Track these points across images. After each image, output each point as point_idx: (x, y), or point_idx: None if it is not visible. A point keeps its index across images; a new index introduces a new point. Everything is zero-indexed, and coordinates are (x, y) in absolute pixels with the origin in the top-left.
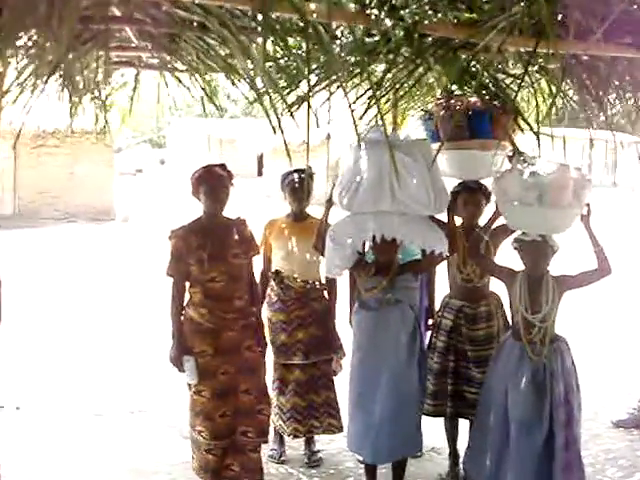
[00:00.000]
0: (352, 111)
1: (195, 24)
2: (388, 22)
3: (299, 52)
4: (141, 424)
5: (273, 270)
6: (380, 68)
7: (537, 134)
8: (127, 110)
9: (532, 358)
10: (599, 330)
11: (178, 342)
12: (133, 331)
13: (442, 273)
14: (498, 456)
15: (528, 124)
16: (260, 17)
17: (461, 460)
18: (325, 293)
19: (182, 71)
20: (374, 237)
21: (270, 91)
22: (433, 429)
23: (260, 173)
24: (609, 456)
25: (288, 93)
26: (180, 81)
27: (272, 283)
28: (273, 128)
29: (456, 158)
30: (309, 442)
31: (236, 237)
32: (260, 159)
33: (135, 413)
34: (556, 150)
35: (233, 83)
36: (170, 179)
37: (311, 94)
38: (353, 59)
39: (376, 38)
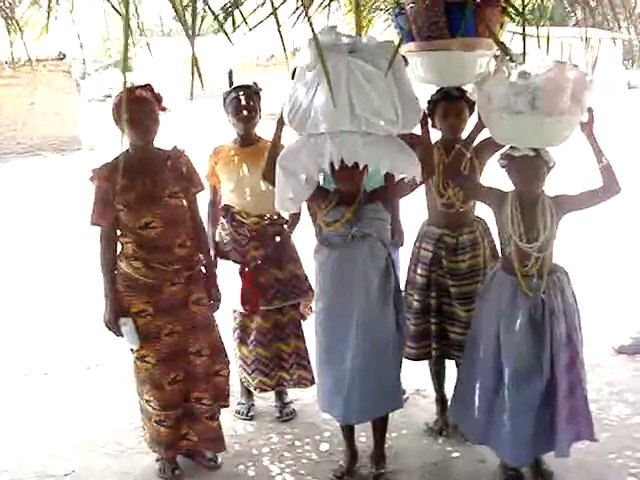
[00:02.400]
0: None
1: None
2: None
3: None
4: (98, 380)
5: (222, 205)
6: None
7: (523, 30)
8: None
9: (528, 294)
10: (595, 250)
11: (112, 302)
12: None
13: (419, 196)
14: (489, 406)
15: (522, 17)
16: None
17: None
18: (285, 228)
19: None
20: (332, 163)
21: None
22: (417, 369)
23: None
24: (613, 389)
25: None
26: None
27: (222, 221)
28: (230, 41)
29: (434, 61)
30: (280, 393)
31: (172, 172)
32: (230, 75)
33: (92, 368)
34: (539, 50)
35: None
36: None
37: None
38: None
39: None
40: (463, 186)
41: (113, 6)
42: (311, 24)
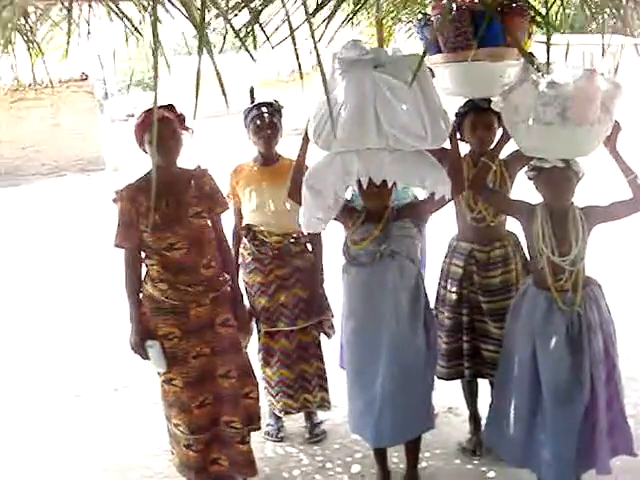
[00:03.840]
0: (327, 25)
1: None
2: None
3: None
4: (125, 402)
5: (244, 225)
6: None
7: (548, 39)
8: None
9: (563, 309)
10: (625, 260)
11: (138, 325)
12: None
13: (449, 210)
14: (527, 427)
15: (551, 27)
16: None
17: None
18: (308, 247)
19: None
20: (360, 181)
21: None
22: (448, 387)
23: None
24: None
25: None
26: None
27: (244, 241)
28: (252, 58)
29: (461, 72)
30: (309, 414)
31: (195, 192)
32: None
33: (119, 390)
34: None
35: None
36: None
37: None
38: None
39: None
40: (490, 200)
41: (135, 27)
42: (317, 48)
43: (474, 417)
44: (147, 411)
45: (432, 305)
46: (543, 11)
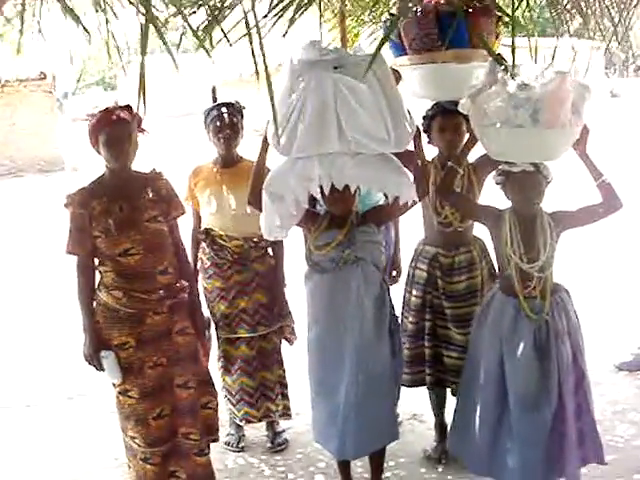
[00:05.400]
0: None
1: None
2: None
3: None
4: (80, 411)
5: (202, 229)
6: None
7: (513, 40)
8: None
9: (531, 316)
10: (592, 266)
11: (91, 335)
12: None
13: (416, 213)
14: (493, 435)
15: (518, 27)
16: None
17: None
18: (269, 251)
19: None
20: (322, 187)
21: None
22: (412, 393)
23: None
24: (616, 409)
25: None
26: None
27: (203, 245)
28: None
29: (427, 74)
30: (271, 423)
31: (151, 195)
32: (213, 93)
33: (74, 398)
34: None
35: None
36: None
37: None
38: None
39: None
40: (457, 204)
41: (85, 27)
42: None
43: (440, 424)
44: (103, 421)
45: (399, 311)
46: (509, 11)
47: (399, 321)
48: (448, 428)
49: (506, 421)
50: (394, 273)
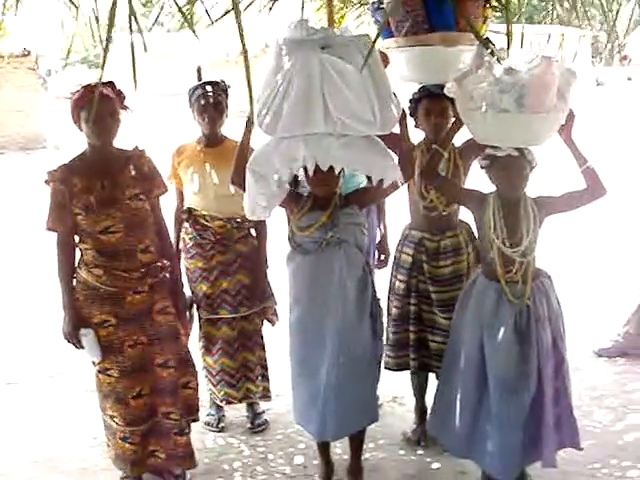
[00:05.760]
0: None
1: None
2: None
3: None
4: (61, 389)
5: (185, 208)
6: None
7: (508, 25)
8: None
9: (512, 301)
10: (572, 251)
11: (71, 313)
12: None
13: (402, 197)
14: (473, 418)
15: (506, 10)
16: None
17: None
18: (252, 232)
19: None
20: (306, 167)
21: None
22: (392, 376)
23: None
24: (595, 394)
25: None
26: None
27: (185, 225)
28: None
29: (414, 57)
30: (251, 404)
31: (133, 173)
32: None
33: (55, 377)
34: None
35: None
36: None
37: None
38: None
39: None
40: (441, 188)
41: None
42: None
43: (420, 409)
44: (84, 399)
45: (383, 295)
46: None
47: (381, 304)
48: (428, 411)
49: (485, 404)
50: (382, 257)
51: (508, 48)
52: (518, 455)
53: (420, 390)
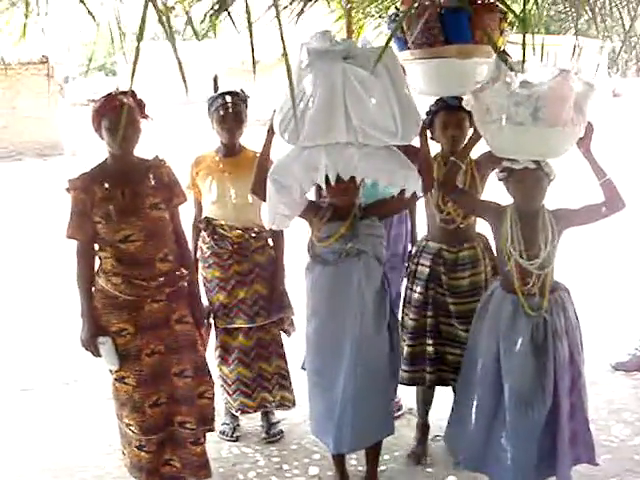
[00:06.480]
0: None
1: None
2: None
3: None
4: (76, 396)
5: (203, 218)
6: None
7: (524, 37)
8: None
9: (529, 314)
10: (590, 265)
11: (89, 321)
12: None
13: (421, 210)
14: (487, 431)
15: (522, 22)
16: None
17: (431, 433)
18: (270, 242)
19: None
20: (327, 177)
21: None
22: (408, 387)
23: None
24: (612, 408)
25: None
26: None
27: (203, 234)
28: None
29: (431, 69)
30: (266, 413)
31: (153, 182)
32: (215, 81)
33: (70, 384)
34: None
35: None
36: None
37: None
38: None
39: None
40: (459, 200)
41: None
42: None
43: (423, 424)
44: (99, 407)
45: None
46: (516, 8)
47: (398, 317)
48: (431, 427)
49: (501, 418)
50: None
51: (524, 61)
52: (532, 470)
53: (424, 405)
